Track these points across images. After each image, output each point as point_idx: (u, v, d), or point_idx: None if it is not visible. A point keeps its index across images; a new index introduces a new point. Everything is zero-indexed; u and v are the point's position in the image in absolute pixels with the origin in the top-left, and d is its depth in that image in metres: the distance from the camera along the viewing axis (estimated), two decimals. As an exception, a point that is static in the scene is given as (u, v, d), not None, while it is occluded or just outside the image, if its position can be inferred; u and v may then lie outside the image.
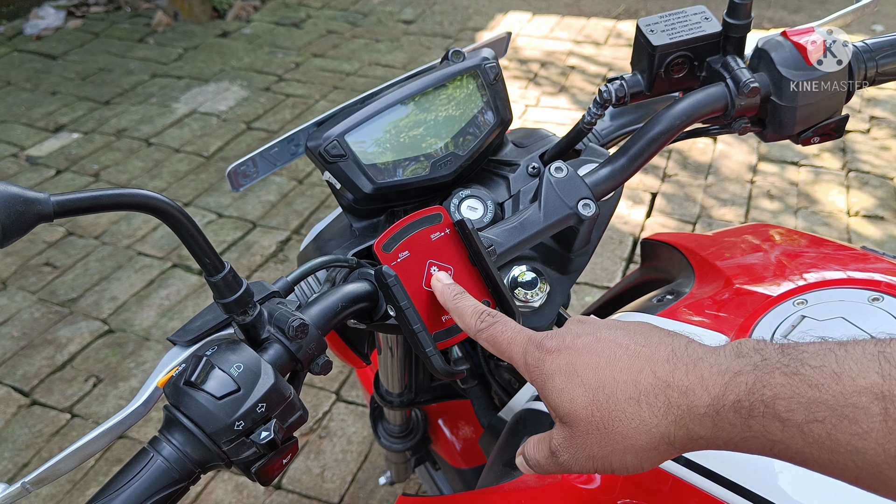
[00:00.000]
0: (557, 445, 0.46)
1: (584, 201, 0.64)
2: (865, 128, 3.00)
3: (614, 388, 0.43)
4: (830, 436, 0.36)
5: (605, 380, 0.44)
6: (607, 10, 4.22)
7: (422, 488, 1.62)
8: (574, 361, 0.46)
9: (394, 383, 1.03)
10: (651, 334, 0.46)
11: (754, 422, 0.39)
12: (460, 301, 0.54)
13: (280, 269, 2.46)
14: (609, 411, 0.43)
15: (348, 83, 3.58)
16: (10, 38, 4.17)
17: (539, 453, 0.48)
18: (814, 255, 0.79)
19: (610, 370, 0.44)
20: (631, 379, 0.43)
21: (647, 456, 0.44)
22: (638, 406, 0.43)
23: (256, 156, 0.70)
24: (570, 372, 0.45)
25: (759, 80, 0.67)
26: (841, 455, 0.36)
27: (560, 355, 0.46)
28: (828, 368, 0.37)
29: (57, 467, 0.48)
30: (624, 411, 0.43)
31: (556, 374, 0.46)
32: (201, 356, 0.47)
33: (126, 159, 3.08)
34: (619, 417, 0.43)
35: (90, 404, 2.03)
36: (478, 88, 0.71)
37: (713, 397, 0.40)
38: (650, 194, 2.70)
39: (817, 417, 0.37)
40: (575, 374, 0.45)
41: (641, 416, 0.43)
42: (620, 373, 0.44)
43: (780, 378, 0.38)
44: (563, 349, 0.47)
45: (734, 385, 0.40)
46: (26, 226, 0.38)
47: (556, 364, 0.46)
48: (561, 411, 0.45)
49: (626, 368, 0.44)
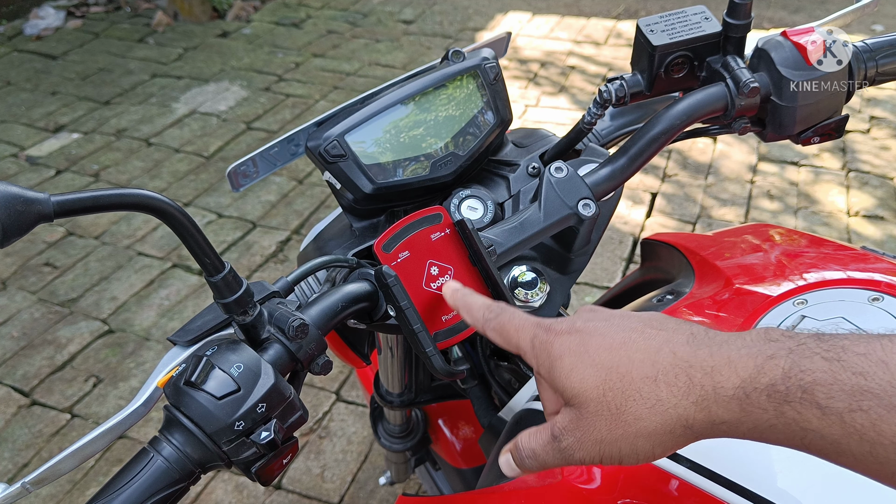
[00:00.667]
0: (562, 429, 0.44)
1: (584, 201, 0.64)
2: (865, 128, 3.00)
3: (629, 367, 0.41)
4: (875, 426, 0.34)
5: (620, 359, 0.42)
6: (607, 10, 4.22)
7: (422, 488, 1.62)
8: (586, 342, 0.44)
9: (394, 383, 1.03)
10: (666, 320, 0.44)
11: (789, 408, 0.37)
12: (469, 297, 0.53)
13: (280, 269, 2.46)
14: (623, 391, 0.41)
15: (348, 83, 3.58)
16: (10, 38, 4.17)
17: (537, 441, 0.45)
18: (814, 255, 0.79)
19: (625, 350, 0.42)
20: (648, 358, 0.41)
21: (660, 440, 0.41)
22: (655, 385, 0.40)
23: (256, 156, 0.70)
24: (581, 352, 0.43)
25: (759, 80, 0.67)
26: (884, 447, 0.34)
27: (570, 336, 0.44)
28: (874, 356, 0.35)
29: (57, 467, 0.48)
30: (639, 390, 0.41)
31: (566, 355, 0.44)
32: (201, 356, 0.47)
33: (126, 159, 3.08)
34: (633, 397, 0.41)
35: (90, 404, 2.03)
36: (478, 88, 0.71)
37: (743, 379, 0.38)
38: (650, 194, 2.70)
39: (862, 406, 0.35)
40: (586, 354, 0.43)
41: (658, 396, 0.40)
42: (636, 352, 0.42)
43: (821, 363, 0.36)
44: (573, 331, 0.45)
45: (769, 368, 0.38)
46: (26, 226, 0.38)
47: (566, 345, 0.44)
48: (569, 392, 0.43)
49: (642, 348, 0.42)
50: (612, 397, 0.41)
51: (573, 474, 0.65)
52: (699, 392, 0.39)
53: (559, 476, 0.65)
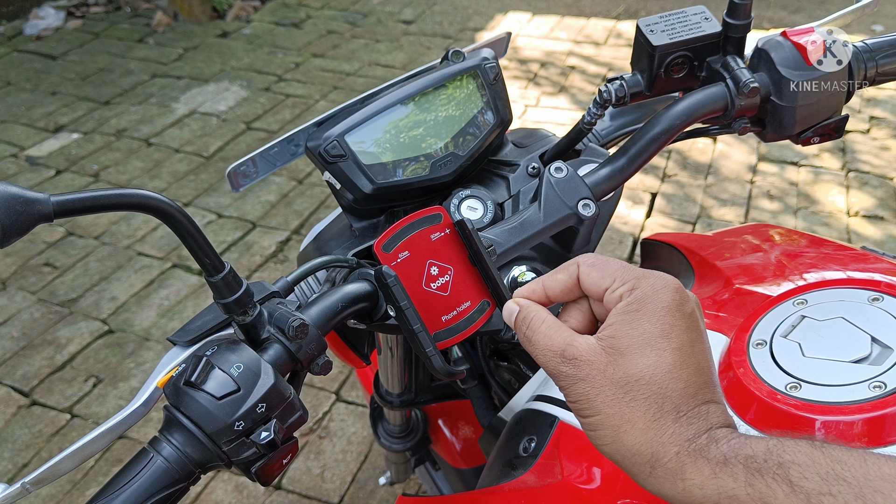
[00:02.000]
0: (574, 356, 0.45)
1: (584, 201, 0.64)
2: (865, 128, 3.00)
3: (673, 384, 0.43)
4: None
5: (679, 371, 0.43)
6: (607, 11, 4.22)
7: (422, 488, 1.62)
8: (681, 330, 0.45)
9: (394, 383, 1.03)
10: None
11: (760, 480, 0.38)
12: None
13: (280, 270, 2.46)
14: (643, 391, 0.43)
15: (348, 83, 3.58)
16: (10, 38, 4.17)
17: (545, 341, 0.47)
18: (814, 255, 0.79)
19: (684, 368, 0.43)
20: (688, 389, 0.43)
21: (624, 453, 0.43)
22: (671, 415, 0.42)
23: (256, 156, 0.70)
24: (667, 335, 0.44)
25: (759, 81, 0.67)
26: None
27: (682, 311, 0.45)
28: (857, 453, 0.37)
29: (57, 468, 0.48)
30: (656, 405, 0.43)
31: (653, 325, 0.44)
32: (201, 356, 0.47)
33: (126, 159, 3.08)
34: (645, 403, 0.43)
35: (90, 404, 2.03)
36: (478, 88, 0.71)
37: (730, 447, 0.40)
38: (650, 194, 2.70)
39: (832, 491, 0.36)
40: (669, 339, 0.44)
41: (662, 423, 0.42)
42: (690, 374, 0.43)
43: (805, 447, 0.38)
44: (691, 304, 0.46)
45: (755, 442, 0.39)
46: (26, 226, 0.38)
47: (664, 316, 0.45)
48: (622, 343, 0.44)
49: (693, 381, 0.43)
50: (634, 386, 0.43)
51: (573, 474, 0.65)
52: (689, 447, 0.41)
53: (559, 476, 0.65)
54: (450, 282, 0.60)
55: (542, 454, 0.69)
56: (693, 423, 0.42)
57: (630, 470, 0.43)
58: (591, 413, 0.44)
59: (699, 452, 0.40)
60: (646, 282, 0.45)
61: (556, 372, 0.46)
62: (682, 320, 0.44)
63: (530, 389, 0.83)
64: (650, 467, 0.42)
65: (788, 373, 0.57)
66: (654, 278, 0.46)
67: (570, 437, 0.68)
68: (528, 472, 0.69)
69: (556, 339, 0.46)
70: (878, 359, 0.56)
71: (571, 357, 0.45)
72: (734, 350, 0.62)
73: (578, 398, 0.45)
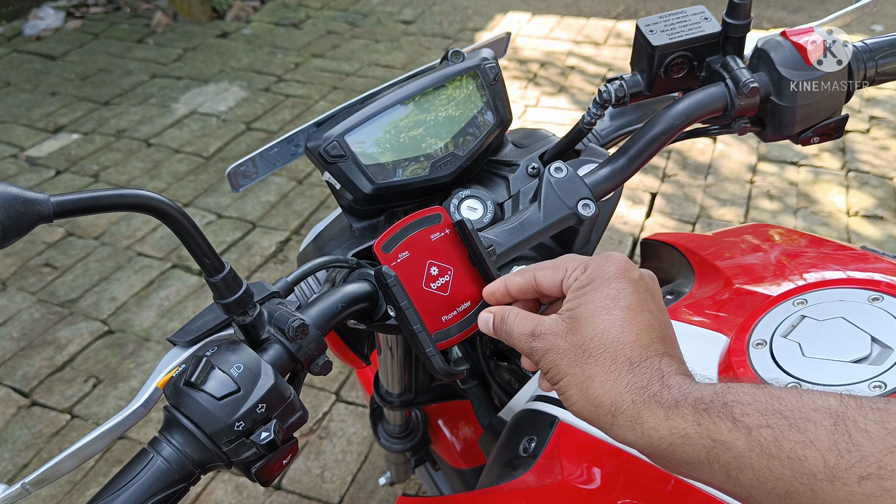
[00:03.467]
0: (542, 332, 0.50)
1: (584, 201, 0.64)
2: (865, 128, 3.00)
3: (625, 338, 0.47)
4: (776, 441, 0.38)
5: (631, 326, 0.48)
6: (607, 11, 4.22)
7: (422, 488, 1.62)
8: (628, 292, 0.50)
9: (394, 384, 1.03)
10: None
11: (706, 418, 0.41)
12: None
13: (280, 270, 2.46)
14: (603, 351, 0.47)
15: (348, 83, 3.58)
16: (10, 39, 4.17)
17: (519, 327, 0.52)
18: (814, 255, 0.79)
19: (636, 323, 0.48)
20: (640, 344, 0.47)
21: (591, 408, 0.47)
22: (625, 368, 0.47)
23: (256, 156, 0.70)
24: (617, 297, 0.49)
25: (759, 80, 0.67)
26: (780, 461, 0.38)
27: (626, 278, 0.50)
28: (795, 391, 0.40)
29: (57, 468, 0.48)
30: (613, 361, 0.47)
31: (608, 292, 0.50)
32: (201, 356, 0.47)
33: (126, 160, 3.08)
34: (604, 361, 0.47)
35: (90, 405, 2.03)
36: (477, 89, 0.71)
37: (680, 392, 0.44)
38: (650, 194, 2.70)
39: (769, 423, 0.39)
40: (617, 301, 0.49)
41: (618, 376, 0.47)
42: (642, 330, 0.48)
43: (748, 388, 0.42)
44: (635, 272, 0.51)
45: (703, 387, 0.43)
46: (26, 226, 0.38)
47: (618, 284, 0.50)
48: (581, 313, 0.50)
49: (643, 337, 0.48)
50: (590, 344, 0.48)
51: (573, 474, 0.65)
52: (644, 394, 0.45)
53: (559, 476, 0.65)
54: (450, 282, 0.60)
55: (542, 454, 0.69)
56: (646, 372, 0.46)
57: (597, 422, 0.47)
58: (560, 377, 0.49)
59: (653, 398, 0.44)
60: (594, 261, 0.52)
61: (530, 349, 0.52)
62: (629, 284, 0.50)
63: (530, 389, 0.83)
64: (612, 416, 0.46)
65: (788, 373, 0.57)
66: (601, 257, 0.52)
67: (571, 437, 0.68)
68: (529, 473, 0.69)
69: (527, 324, 0.52)
70: (878, 359, 0.56)
71: (539, 333, 0.51)
72: (734, 350, 0.62)
73: (549, 367, 0.50)
